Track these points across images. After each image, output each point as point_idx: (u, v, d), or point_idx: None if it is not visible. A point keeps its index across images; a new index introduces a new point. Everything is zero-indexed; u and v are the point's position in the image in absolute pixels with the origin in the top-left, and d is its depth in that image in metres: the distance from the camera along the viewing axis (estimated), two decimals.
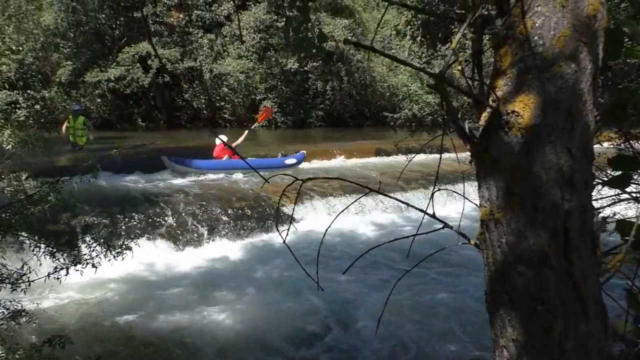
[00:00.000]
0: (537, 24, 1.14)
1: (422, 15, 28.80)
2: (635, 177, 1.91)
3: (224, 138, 13.38)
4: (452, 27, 27.12)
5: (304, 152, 14.30)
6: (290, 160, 13.89)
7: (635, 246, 1.35)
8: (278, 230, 1.73)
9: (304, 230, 8.77)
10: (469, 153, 1.28)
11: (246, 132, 13.73)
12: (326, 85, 26.84)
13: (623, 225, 1.54)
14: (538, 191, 1.08)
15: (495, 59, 1.21)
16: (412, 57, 29.45)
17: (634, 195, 1.77)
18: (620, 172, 1.63)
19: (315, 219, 9.97)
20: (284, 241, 1.75)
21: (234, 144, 13.07)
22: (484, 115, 1.19)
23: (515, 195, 1.11)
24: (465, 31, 1.32)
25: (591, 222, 1.13)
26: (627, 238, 1.49)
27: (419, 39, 30.60)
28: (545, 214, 1.08)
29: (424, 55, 29.92)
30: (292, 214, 2.59)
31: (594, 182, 1.32)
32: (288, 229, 1.66)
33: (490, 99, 1.18)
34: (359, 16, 29.19)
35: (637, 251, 1.38)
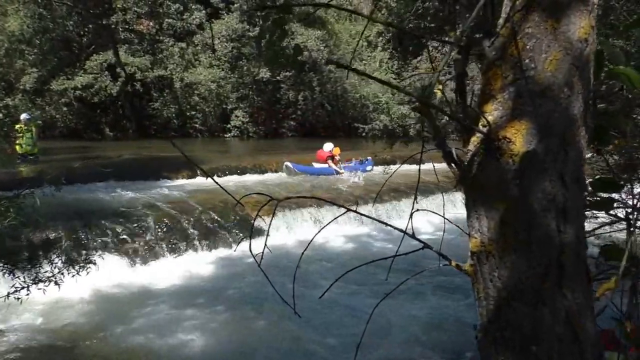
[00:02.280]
0: (528, 47, 1.09)
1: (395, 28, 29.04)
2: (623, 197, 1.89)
3: (330, 146, 15.40)
4: (424, 40, 27.50)
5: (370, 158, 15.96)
6: (369, 167, 15.87)
7: (625, 273, 1.31)
8: (252, 255, 1.65)
9: (277, 245, 8.61)
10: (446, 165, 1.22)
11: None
12: (298, 95, 26.79)
13: (609, 250, 1.50)
14: (531, 222, 1.03)
15: (484, 81, 1.15)
16: (383, 70, 29.68)
17: (617, 217, 1.74)
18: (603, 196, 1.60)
19: (289, 233, 9.84)
20: (259, 265, 1.67)
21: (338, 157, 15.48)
22: (473, 140, 1.13)
23: (507, 226, 1.05)
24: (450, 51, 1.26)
25: (585, 253, 1.08)
26: (613, 263, 1.45)
27: (389, 50, 30.87)
28: (540, 246, 1.02)
29: (394, 67, 30.19)
30: (267, 235, 2.52)
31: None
32: (262, 252, 1.58)
33: (480, 123, 1.12)
34: (332, 27, 29.31)
35: (628, 278, 1.34)
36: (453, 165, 1.18)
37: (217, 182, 1.83)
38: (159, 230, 9.09)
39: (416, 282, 7.49)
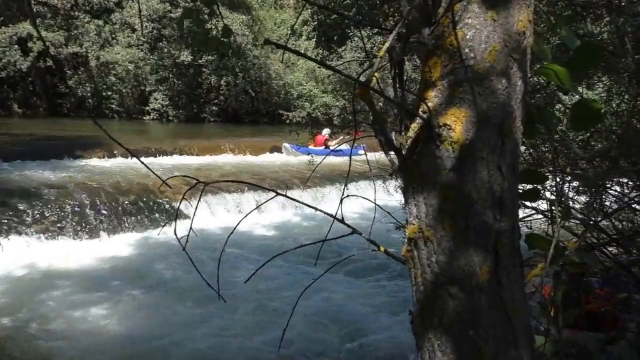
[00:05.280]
0: (468, 36, 1.10)
1: (320, 16, 29.07)
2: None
3: (328, 131, 16.73)
4: (349, 31, 27.74)
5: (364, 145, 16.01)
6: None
7: (551, 261, 1.37)
8: (177, 237, 1.61)
9: (197, 229, 8.42)
10: (378, 155, 1.23)
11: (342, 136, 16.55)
12: (220, 80, 26.32)
13: (532, 239, 1.56)
14: (469, 210, 1.05)
15: (424, 69, 1.16)
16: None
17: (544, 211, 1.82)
18: (530, 187, 1.66)
19: (209, 218, 9.67)
20: (183, 249, 1.62)
21: (334, 142, 16.28)
22: (413, 127, 1.14)
23: (446, 213, 1.06)
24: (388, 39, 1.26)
25: (518, 242, 1.11)
26: (536, 251, 1.51)
27: (314, 40, 30.94)
28: (477, 233, 1.04)
29: (319, 56, 30.27)
30: (193, 217, 2.45)
31: None
32: (188, 235, 1.52)
33: (420, 110, 1.12)
34: (256, 13, 28.97)
35: (554, 265, 1.40)
36: (392, 152, 1.18)
37: (143, 163, 1.74)
38: (71, 211, 8.69)
39: (345, 269, 7.54)
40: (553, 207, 1.64)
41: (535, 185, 1.71)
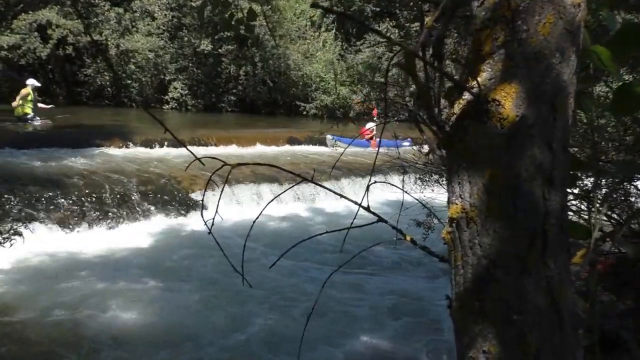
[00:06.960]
0: (521, 8, 1.04)
1: (341, 8, 28.90)
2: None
3: (371, 124, 16.05)
4: (368, 23, 27.56)
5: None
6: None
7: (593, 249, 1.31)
8: (204, 220, 1.59)
9: (225, 218, 8.43)
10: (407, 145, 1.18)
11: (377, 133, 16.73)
12: (239, 70, 26.31)
13: (569, 226, 1.51)
14: (517, 189, 0.99)
15: (474, 43, 1.10)
16: (327, 50, 29.61)
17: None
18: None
19: (227, 207, 9.64)
20: (209, 232, 1.58)
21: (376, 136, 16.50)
22: (459, 103, 1.09)
23: (492, 192, 1.01)
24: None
25: (566, 223, 1.06)
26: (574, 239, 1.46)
27: (333, 32, 30.81)
28: (525, 213, 0.99)
29: (338, 48, 30.15)
30: (219, 201, 2.45)
31: None
32: (213, 218, 1.49)
33: (467, 85, 1.07)
34: (276, 3, 28.86)
35: (594, 254, 1.34)
36: (435, 127, 1.13)
37: (190, 151, 1.71)
38: (91, 199, 8.72)
39: (372, 258, 7.50)
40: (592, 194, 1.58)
41: (572, 171, 1.66)
